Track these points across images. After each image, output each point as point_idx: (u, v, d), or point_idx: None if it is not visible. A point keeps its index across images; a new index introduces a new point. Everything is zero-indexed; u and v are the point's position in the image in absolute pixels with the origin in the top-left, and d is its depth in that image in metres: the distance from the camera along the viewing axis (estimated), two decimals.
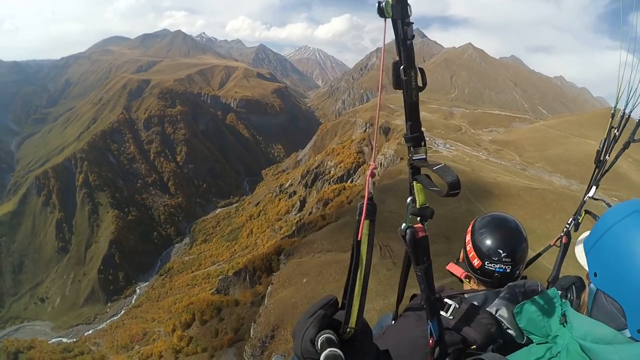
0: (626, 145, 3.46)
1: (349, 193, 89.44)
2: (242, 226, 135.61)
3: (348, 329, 1.23)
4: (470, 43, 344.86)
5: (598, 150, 3.44)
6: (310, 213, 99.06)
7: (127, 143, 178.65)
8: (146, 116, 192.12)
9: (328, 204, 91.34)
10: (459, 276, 2.66)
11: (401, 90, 1.38)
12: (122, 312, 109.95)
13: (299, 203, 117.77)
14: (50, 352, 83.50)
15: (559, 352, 1.57)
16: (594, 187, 3.45)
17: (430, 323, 1.69)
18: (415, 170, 1.51)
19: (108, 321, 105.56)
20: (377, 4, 1.22)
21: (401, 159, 74.71)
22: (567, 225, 3.38)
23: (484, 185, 49.88)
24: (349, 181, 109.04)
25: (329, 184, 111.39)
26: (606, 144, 3.43)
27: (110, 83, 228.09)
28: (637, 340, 1.34)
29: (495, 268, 2.42)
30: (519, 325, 1.89)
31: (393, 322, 2.54)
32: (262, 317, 34.97)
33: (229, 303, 52.41)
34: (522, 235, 2.50)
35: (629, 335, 1.36)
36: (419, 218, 1.55)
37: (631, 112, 3.36)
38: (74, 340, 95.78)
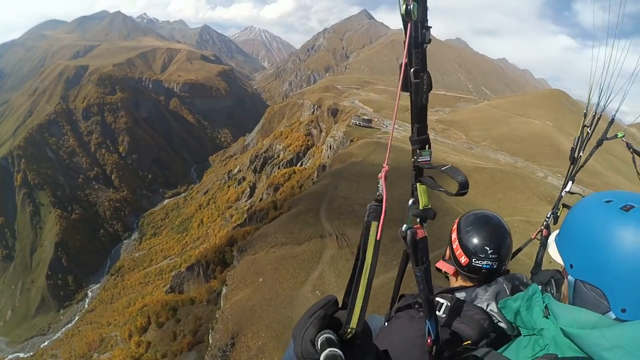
0: (599, 143, 3.62)
1: (299, 177, 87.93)
2: (191, 216, 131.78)
3: (349, 329, 1.24)
4: None
5: (572, 148, 3.60)
6: (261, 199, 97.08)
7: (66, 136, 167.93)
8: (84, 105, 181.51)
9: (279, 189, 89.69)
10: (449, 273, 2.70)
11: (407, 93, 1.38)
12: (76, 319, 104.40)
13: (248, 189, 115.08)
14: None
15: (546, 345, 1.62)
16: (570, 183, 3.61)
17: (428, 322, 1.73)
18: (418, 171, 1.55)
19: (63, 329, 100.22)
20: (404, 7, 1.24)
21: (351, 141, 73.41)
22: (547, 219, 3.48)
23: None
24: (298, 164, 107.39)
25: (279, 168, 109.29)
26: (579, 141, 3.57)
27: (46, 71, 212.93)
28: (622, 321, 1.41)
29: (483, 265, 2.49)
30: (507, 319, 1.98)
31: (386, 323, 2.54)
32: (219, 323, 33.07)
33: (185, 302, 50.37)
34: (507, 231, 2.59)
35: (613, 317, 1.44)
36: (418, 219, 1.59)
37: (602, 111, 3.54)
38: (31, 354, 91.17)
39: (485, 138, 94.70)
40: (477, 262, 2.47)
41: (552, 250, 1.82)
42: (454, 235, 2.59)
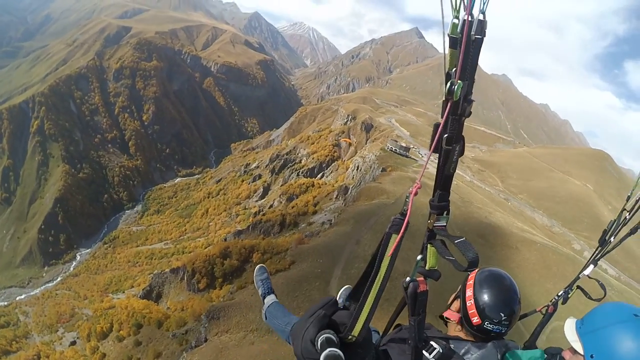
0: (633, 231, 3.37)
1: (316, 192, 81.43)
2: (198, 203, 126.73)
3: (350, 337, 1.26)
4: None
5: (605, 230, 3.38)
6: (271, 206, 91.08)
7: (93, 92, 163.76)
8: (118, 66, 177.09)
9: (292, 200, 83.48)
10: (454, 321, 2.67)
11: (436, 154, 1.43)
12: (58, 280, 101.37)
13: (262, 189, 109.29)
14: None
15: None
16: (591, 266, 3.40)
17: None
18: (431, 234, 1.60)
19: (42, 287, 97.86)
20: (447, 85, 1.24)
21: (383, 169, 65.94)
22: (557, 297, 3.42)
23: (477, 227, 42.28)
24: (319, 176, 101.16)
25: (298, 175, 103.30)
26: (614, 225, 3.36)
27: (89, 25, 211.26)
28: None
29: (493, 328, 2.48)
30: None
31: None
32: None
33: (152, 321, 43.87)
34: (518, 296, 2.60)
35: None
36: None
37: None
38: (5, 304, 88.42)
39: (523, 190, 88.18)
40: (489, 325, 2.46)
41: (571, 337, 2.08)
42: (469, 293, 2.51)
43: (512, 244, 41.13)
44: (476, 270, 2.51)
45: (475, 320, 2.44)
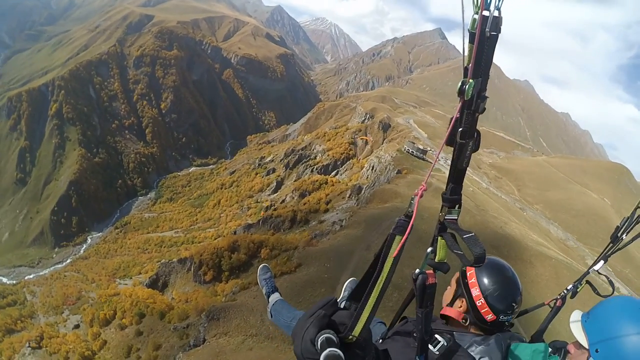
0: None
1: (329, 190, 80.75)
2: (211, 193, 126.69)
3: (350, 337, 1.26)
4: None
5: (617, 227, 3.37)
6: (283, 201, 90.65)
7: (112, 79, 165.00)
8: (138, 54, 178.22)
9: (305, 196, 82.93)
10: (455, 318, 2.66)
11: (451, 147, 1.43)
12: (68, 261, 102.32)
13: (275, 183, 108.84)
14: None
15: None
16: (602, 262, 3.36)
17: (418, 358, 1.89)
18: (442, 226, 1.62)
19: (52, 268, 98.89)
20: (459, 85, 1.26)
21: (398, 172, 64.73)
22: (565, 291, 3.42)
23: (491, 237, 40.86)
24: (333, 173, 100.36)
25: (312, 171, 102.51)
26: (628, 222, 3.36)
27: (112, 11, 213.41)
28: None
29: (507, 319, 2.54)
30: None
31: (381, 341, 2.61)
32: None
33: (155, 312, 43.64)
34: (519, 280, 2.66)
35: None
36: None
37: None
38: (14, 282, 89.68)
39: (539, 200, 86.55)
40: (503, 317, 2.50)
41: (577, 330, 2.15)
42: (477, 292, 2.51)
43: (526, 257, 39.85)
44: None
45: (490, 317, 2.48)
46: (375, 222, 38.96)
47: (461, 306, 2.60)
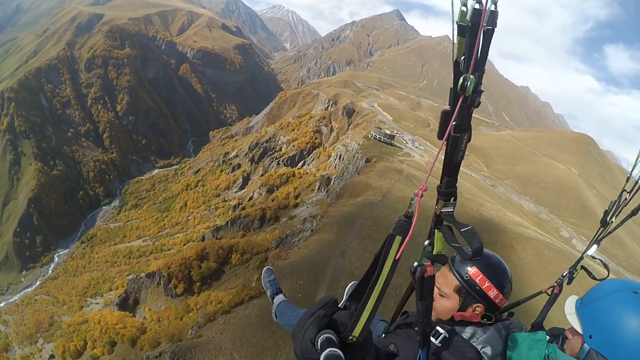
0: (634, 212, 3.37)
1: (297, 183, 78.27)
2: (177, 195, 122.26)
3: (350, 338, 1.26)
4: (447, 35, 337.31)
5: (606, 211, 3.37)
6: (251, 198, 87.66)
7: (64, 85, 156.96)
8: (89, 55, 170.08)
9: (273, 191, 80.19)
10: (475, 321, 2.55)
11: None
12: (37, 284, 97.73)
13: (241, 180, 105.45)
14: None
15: None
16: (595, 246, 3.39)
17: (421, 351, 1.89)
18: (439, 219, 1.63)
19: (22, 293, 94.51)
20: (461, 80, 1.25)
21: (367, 160, 62.24)
22: (562, 277, 3.41)
23: (468, 222, 38.89)
24: (300, 163, 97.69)
25: (278, 163, 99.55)
26: (615, 206, 3.36)
27: (60, 13, 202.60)
28: None
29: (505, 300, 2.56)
30: (507, 353, 2.28)
31: (384, 335, 2.64)
32: None
33: (125, 338, 40.66)
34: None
35: None
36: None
37: None
38: None
39: (509, 175, 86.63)
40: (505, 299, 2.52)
41: (571, 317, 2.17)
42: (494, 293, 2.44)
43: (507, 241, 38.41)
44: (473, 267, 2.47)
45: (500, 301, 2.46)
46: (348, 222, 36.31)
47: (475, 310, 2.47)
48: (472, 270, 2.44)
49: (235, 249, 48.46)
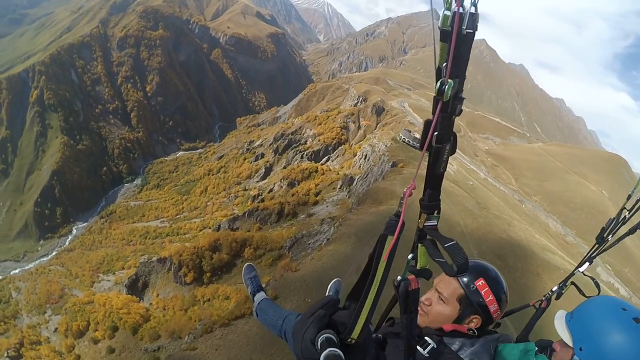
0: (632, 230, 3.38)
1: (319, 180, 77.08)
2: (198, 179, 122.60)
3: (349, 339, 1.26)
4: (484, 39, 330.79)
5: (603, 228, 3.38)
6: (271, 190, 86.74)
7: (95, 62, 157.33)
8: (122, 35, 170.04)
9: (294, 185, 79.29)
10: (463, 332, 2.54)
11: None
12: (53, 254, 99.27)
13: (263, 170, 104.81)
14: None
15: None
16: (587, 264, 3.41)
17: None
18: (422, 233, 1.59)
19: (37, 261, 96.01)
20: (438, 85, 1.19)
21: (393, 164, 60.27)
22: (550, 292, 3.44)
23: (495, 244, 37.12)
24: (324, 159, 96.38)
25: (302, 157, 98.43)
26: (613, 223, 3.36)
27: None
28: None
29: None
30: None
31: None
32: None
33: (127, 325, 40.22)
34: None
35: None
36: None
37: None
38: (0, 278, 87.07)
39: (538, 192, 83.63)
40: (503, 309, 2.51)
41: (561, 329, 2.23)
42: (494, 307, 2.43)
43: (533, 269, 36.09)
44: (480, 279, 2.44)
45: (497, 315, 2.46)
46: (368, 234, 33.50)
47: (471, 322, 2.44)
48: (479, 282, 2.42)
49: (249, 242, 47.71)
